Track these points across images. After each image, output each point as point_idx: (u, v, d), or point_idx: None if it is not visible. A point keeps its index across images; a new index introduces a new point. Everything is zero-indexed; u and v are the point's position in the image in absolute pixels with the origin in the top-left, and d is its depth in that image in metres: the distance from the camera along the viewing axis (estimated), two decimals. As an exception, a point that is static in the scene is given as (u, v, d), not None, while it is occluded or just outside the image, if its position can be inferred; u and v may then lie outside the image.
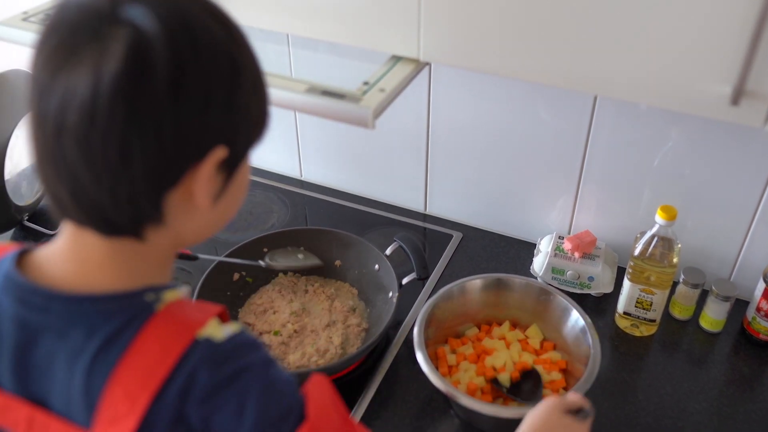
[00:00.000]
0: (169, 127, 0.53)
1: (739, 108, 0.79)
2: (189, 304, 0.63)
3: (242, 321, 1.25)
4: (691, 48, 0.79)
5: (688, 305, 1.26)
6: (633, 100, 0.87)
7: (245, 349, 0.61)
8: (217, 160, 0.57)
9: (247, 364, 0.60)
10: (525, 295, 1.20)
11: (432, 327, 1.13)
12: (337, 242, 1.34)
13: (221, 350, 0.59)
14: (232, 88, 0.56)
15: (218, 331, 0.60)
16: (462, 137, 1.40)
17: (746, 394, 1.14)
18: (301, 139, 1.61)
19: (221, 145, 0.57)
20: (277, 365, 0.63)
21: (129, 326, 0.57)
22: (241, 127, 0.59)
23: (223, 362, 0.58)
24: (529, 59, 0.88)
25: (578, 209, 1.38)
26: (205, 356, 0.58)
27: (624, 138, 1.24)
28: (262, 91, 0.62)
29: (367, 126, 0.89)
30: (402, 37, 0.94)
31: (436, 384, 1.02)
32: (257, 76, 0.61)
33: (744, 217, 1.23)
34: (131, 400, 0.56)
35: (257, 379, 0.60)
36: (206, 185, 0.57)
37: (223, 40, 0.56)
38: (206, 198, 0.58)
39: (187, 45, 0.53)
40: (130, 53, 0.50)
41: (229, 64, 0.56)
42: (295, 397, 0.63)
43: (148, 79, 0.51)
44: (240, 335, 0.61)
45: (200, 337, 0.58)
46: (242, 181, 0.64)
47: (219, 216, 0.64)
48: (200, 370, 0.57)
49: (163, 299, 0.60)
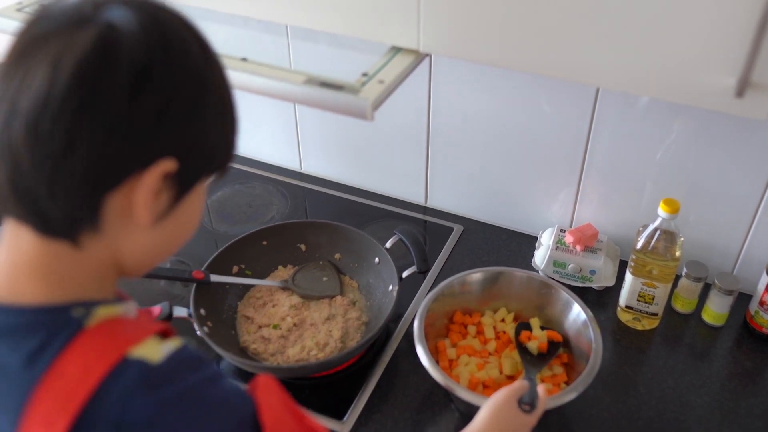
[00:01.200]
0: (120, 125, 0.51)
1: (743, 100, 0.77)
2: (128, 321, 0.59)
3: (241, 314, 1.25)
4: (695, 39, 0.77)
5: (690, 299, 1.25)
6: (635, 93, 0.86)
7: (185, 369, 0.57)
8: (162, 172, 0.54)
9: (188, 386, 0.56)
10: (526, 289, 1.19)
11: (432, 320, 1.13)
12: (336, 235, 1.33)
13: (158, 372, 0.55)
14: (194, 106, 0.55)
15: (155, 350, 0.56)
16: (463, 129, 1.39)
17: (748, 388, 1.13)
18: (301, 131, 1.60)
19: (170, 158, 0.54)
20: (222, 380, 0.59)
21: (51, 343, 0.54)
22: (196, 148, 0.57)
23: (161, 385, 0.54)
24: (530, 50, 0.87)
25: (580, 202, 1.37)
26: (139, 379, 0.53)
27: (626, 130, 1.23)
28: (228, 125, 0.61)
29: (366, 118, 0.88)
30: (401, 28, 0.93)
31: (436, 378, 1.01)
32: (226, 108, 0.60)
33: (747, 210, 1.22)
34: (48, 426, 0.52)
35: (202, 400, 0.56)
36: (148, 197, 0.55)
37: (197, 59, 0.55)
38: (146, 211, 0.56)
39: (159, 51, 0.52)
40: (98, 44, 0.50)
41: (198, 83, 0.55)
42: (246, 409, 0.60)
43: (111, 73, 0.50)
44: (180, 353, 0.57)
45: (132, 356, 0.54)
46: (192, 211, 0.61)
47: (161, 240, 0.61)
48: (135, 395, 0.53)
49: (94, 315, 0.56)
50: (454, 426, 1.07)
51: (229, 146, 0.62)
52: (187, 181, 0.58)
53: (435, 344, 1.15)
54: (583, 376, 1.00)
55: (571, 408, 1.07)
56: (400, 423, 1.08)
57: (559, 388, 1.08)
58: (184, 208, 0.59)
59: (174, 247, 0.64)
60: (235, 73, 0.93)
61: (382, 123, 1.47)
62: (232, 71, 0.92)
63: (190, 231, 0.64)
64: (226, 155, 0.62)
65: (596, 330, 1.07)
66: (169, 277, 1.23)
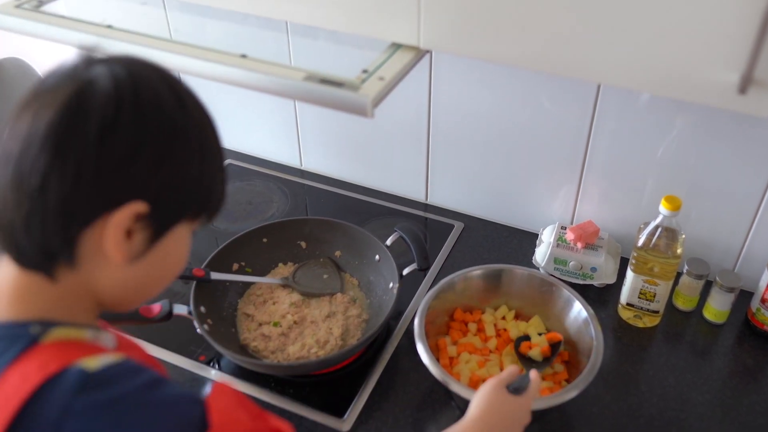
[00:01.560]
0: (88, 170, 0.56)
1: (746, 97, 0.77)
2: (85, 344, 0.61)
3: (242, 312, 1.24)
4: (698, 34, 0.77)
5: (691, 296, 1.25)
6: (637, 89, 0.86)
7: (123, 376, 0.58)
8: (132, 213, 0.58)
9: (126, 390, 0.57)
10: (527, 287, 1.19)
11: (433, 318, 1.12)
12: (337, 232, 1.33)
13: (94, 378, 0.56)
14: (164, 154, 0.59)
15: (93, 361, 0.57)
16: (464, 126, 1.38)
17: (750, 386, 1.13)
18: (301, 128, 1.60)
19: (140, 201, 0.58)
20: (164, 385, 0.60)
21: (3, 354, 0.57)
22: (169, 192, 0.60)
23: (97, 389, 0.56)
24: (531, 47, 0.86)
25: (581, 199, 1.37)
26: (76, 385, 0.55)
27: (628, 127, 1.22)
28: (207, 171, 0.63)
29: (365, 115, 0.87)
30: (402, 24, 0.92)
31: (437, 375, 1.01)
32: (204, 155, 0.63)
33: (749, 207, 1.21)
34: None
35: (141, 403, 0.57)
36: (117, 236, 0.58)
37: (169, 107, 0.60)
38: (117, 250, 0.59)
39: (128, 104, 0.57)
40: (74, 97, 0.56)
41: (168, 133, 0.59)
42: (191, 411, 0.60)
43: (81, 123, 0.56)
44: (120, 364, 0.59)
45: (74, 367, 0.56)
46: (173, 252, 0.65)
47: (140, 279, 0.64)
48: (73, 399, 0.54)
49: (50, 333, 0.59)
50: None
51: (209, 191, 0.65)
52: (162, 223, 0.62)
53: (435, 342, 1.15)
54: (584, 374, 1.00)
55: (571, 406, 1.07)
56: (400, 420, 1.08)
57: (560, 386, 1.08)
58: (162, 249, 0.63)
59: (157, 287, 0.68)
60: (234, 69, 0.93)
61: (383, 120, 1.46)
62: (231, 68, 0.93)
63: (173, 272, 0.67)
64: (207, 200, 0.65)
65: (597, 328, 1.07)
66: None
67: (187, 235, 0.66)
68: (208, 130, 0.64)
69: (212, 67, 0.94)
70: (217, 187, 0.66)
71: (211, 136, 0.64)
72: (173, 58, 0.96)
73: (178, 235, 0.64)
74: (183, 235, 0.65)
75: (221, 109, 1.64)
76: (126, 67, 0.60)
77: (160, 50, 0.97)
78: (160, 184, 0.59)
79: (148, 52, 0.97)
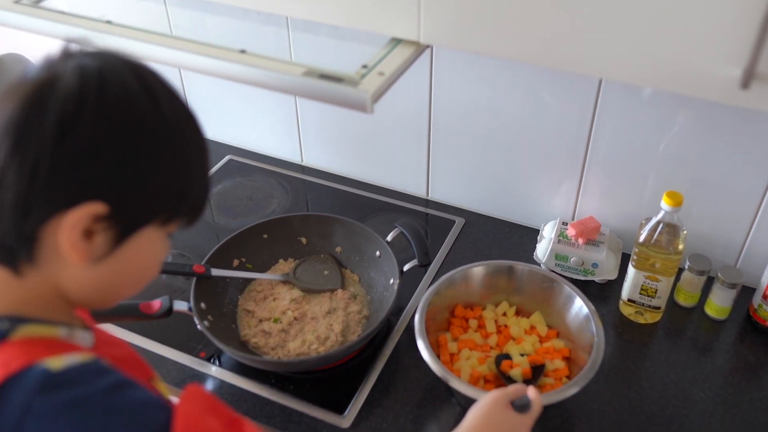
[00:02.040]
0: (43, 167, 0.54)
1: (748, 92, 0.76)
2: (54, 342, 0.60)
3: (242, 308, 1.24)
4: (700, 29, 0.76)
5: (693, 292, 1.24)
6: (639, 84, 0.85)
7: (87, 377, 0.57)
8: (89, 213, 0.56)
9: (88, 392, 0.56)
10: (528, 283, 1.18)
11: (433, 314, 1.12)
12: (338, 228, 1.33)
13: (57, 378, 0.55)
14: (129, 151, 0.56)
15: (57, 360, 0.56)
16: (465, 122, 1.38)
17: (752, 382, 1.13)
18: (302, 123, 1.59)
19: (98, 202, 0.56)
20: (131, 388, 0.59)
21: None
22: (131, 194, 0.58)
23: (59, 389, 0.55)
24: (532, 41, 0.86)
25: (582, 195, 1.36)
26: (37, 385, 0.54)
27: (629, 122, 1.22)
28: (180, 175, 0.60)
29: (365, 110, 0.87)
30: (402, 19, 0.92)
31: (437, 372, 1.01)
32: (177, 158, 0.59)
33: (751, 203, 1.21)
34: None
35: (103, 406, 0.56)
36: (73, 236, 0.56)
37: (138, 104, 0.57)
38: (73, 250, 0.57)
39: (92, 96, 0.55)
40: (37, 91, 0.55)
41: (135, 129, 0.56)
42: (157, 418, 0.58)
43: (39, 120, 0.54)
44: (84, 365, 0.57)
45: (37, 365, 0.55)
46: (143, 255, 0.62)
47: (109, 280, 0.62)
48: (33, 399, 0.53)
49: (18, 330, 0.58)
50: (455, 420, 1.07)
51: (182, 195, 0.62)
52: (126, 225, 0.59)
53: (436, 338, 1.14)
54: (585, 370, 1.00)
55: (572, 402, 1.07)
56: (401, 417, 1.08)
57: (560, 382, 1.08)
58: (129, 251, 0.61)
59: (127, 289, 0.66)
60: (234, 65, 0.92)
61: (384, 115, 1.46)
62: (231, 63, 0.92)
63: (144, 275, 0.65)
64: (180, 204, 0.62)
65: (598, 324, 1.06)
66: (169, 271, 1.22)
67: (159, 239, 0.63)
68: (185, 129, 0.61)
69: (211, 63, 0.94)
70: (192, 190, 0.63)
71: (188, 136, 0.61)
72: (173, 54, 0.96)
73: (147, 238, 0.61)
74: (154, 238, 0.62)
75: (221, 105, 1.64)
76: (97, 60, 0.57)
77: (159, 46, 0.97)
78: (123, 186, 0.57)
79: (147, 47, 0.97)
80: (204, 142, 0.63)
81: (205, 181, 0.64)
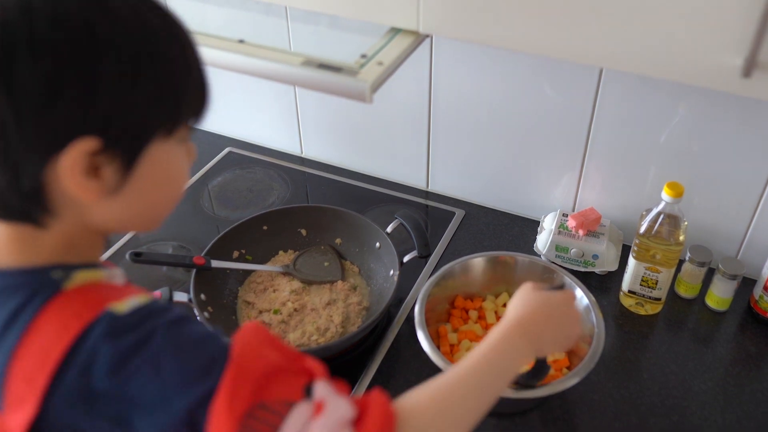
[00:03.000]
0: (7, 118, 0.48)
1: (750, 80, 0.76)
2: (110, 285, 0.59)
3: (242, 299, 1.24)
4: (701, 17, 0.76)
5: (694, 284, 1.24)
6: (640, 73, 0.84)
7: (150, 317, 0.56)
8: (84, 151, 0.51)
9: (152, 328, 0.55)
10: (528, 274, 1.18)
11: (433, 305, 1.12)
12: (337, 220, 1.32)
13: (123, 322, 0.55)
14: (92, 68, 0.49)
15: (122, 304, 0.56)
16: (465, 113, 1.37)
17: (752, 374, 1.13)
18: (302, 115, 1.59)
19: (87, 136, 0.50)
20: (191, 322, 0.58)
21: (30, 303, 0.54)
22: (119, 112, 0.51)
23: (126, 332, 0.54)
24: (532, 31, 0.85)
25: (583, 186, 1.36)
26: (105, 330, 0.54)
27: (630, 113, 1.21)
28: (166, 72, 0.53)
29: (364, 100, 0.86)
30: (401, 9, 0.91)
31: (438, 363, 1.00)
32: (151, 46, 0.52)
33: (752, 194, 1.20)
34: (29, 382, 0.53)
35: (167, 338, 0.56)
36: (77, 178, 0.52)
37: (76, 11, 0.48)
38: (86, 191, 0.53)
39: (19, 26, 0.47)
40: None
41: (87, 40, 0.48)
42: (217, 347, 0.58)
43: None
44: (146, 306, 0.57)
45: (105, 313, 0.55)
46: (163, 170, 0.58)
47: (137, 205, 0.58)
48: (101, 345, 0.53)
49: (73, 278, 0.57)
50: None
51: (178, 96, 0.55)
52: (128, 149, 0.54)
53: (436, 329, 1.14)
54: (585, 361, 0.99)
55: (573, 393, 1.07)
56: (400, 408, 1.07)
57: (560, 373, 1.07)
58: (147, 171, 0.56)
59: (166, 205, 0.62)
60: (232, 55, 0.92)
61: (384, 107, 1.45)
62: (229, 53, 0.92)
63: (175, 187, 0.61)
64: (179, 105, 0.56)
65: (599, 315, 1.06)
66: (170, 263, 1.22)
67: (172, 148, 0.58)
68: (151, 25, 0.53)
69: (209, 53, 0.93)
70: (185, 88, 0.56)
71: (158, 31, 0.53)
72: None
73: (160, 152, 0.56)
74: (167, 149, 0.57)
75: (221, 97, 1.63)
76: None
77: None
78: (102, 112, 0.50)
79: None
80: (181, 32, 0.56)
81: (197, 72, 0.57)
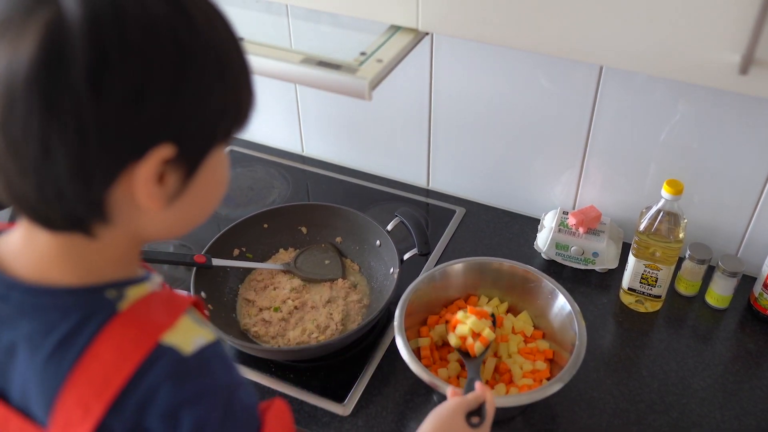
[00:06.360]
0: (90, 124, 0.47)
1: (748, 77, 0.76)
2: (158, 298, 0.59)
3: (242, 297, 1.24)
4: (699, 15, 0.76)
5: (694, 281, 1.24)
6: (639, 71, 0.85)
7: (214, 366, 0.57)
8: (161, 159, 0.51)
9: (213, 386, 0.57)
10: (510, 279, 1.16)
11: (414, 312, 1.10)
12: (338, 218, 1.33)
13: (187, 365, 0.55)
14: (177, 76, 0.49)
15: (187, 340, 0.56)
16: (465, 110, 1.37)
17: (752, 371, 1.13)
18: (303, 113, 1.59)
19: (166, 143, 0.50)
20: (242, 389, 0.60)
21: (86, 325, 0.54)
22: (195, 121, 0.52)
23: (188, 378, 0.55)
24: (532, 29, 0.86)
25: (583, 184, 1.36)
26: (169, 370, 0.54)
27: (630, 110, 1.21)
28: (233, 84, 0.54)
29: (363, 97, 0.87)
30: (400, 6, 0.91)
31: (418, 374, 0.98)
32: (222, 57, 0.53)
33: (752, 191, 1.21)
34: (85, 408, 0.53)
35: (220, 403, 0.57)
36: (148, 186, 0.51)
37: (164, 19, 0.48)
38: (153, 200, 0.53)
39: (112, 30, 0.46)
40: (46, 39, 0.46)
41: (174, 48, 0.49)
42: (254, 425, 0.61)
43: (63, 70, 0.46)
44: (210, 348, 0.57)
45: (164, 343, 0.55)
46: (213, 179, 0.58)
47: (185, 214, 0.58)
48: (163, 384, 0.54)
49: (127, 296, 0.57)
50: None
51: (238, 106, 0.56)
52: (194, 157, 0.54)
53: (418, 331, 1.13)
54: (564, 371, 0.97)
55: (572, 390, 1.07)
56: (401, 405, 1.08)
57: (540, 384, 1.04)
58: (201, 180, 0.56)
59: (203, 215, 0.62)
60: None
61: (384, 105, 1.46)
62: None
63: (217, 196, 0.61)
64: (237, 115, 0.57)
65: (581, 323, 1.04)
66: (171, 261, 1.23)
67: (221, 155, 0.58)
68: (223, 34, 0.53)
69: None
70: (246, 96, 0.57)
71: (227, 40, 0.54)
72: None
73: (214, 160, 0.57)
74: (219, 158, 0.58)
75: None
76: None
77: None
78: (183, 117, 0.51)
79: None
80: (239, 42, 0.56)
81: (250, 79, 0.57)
